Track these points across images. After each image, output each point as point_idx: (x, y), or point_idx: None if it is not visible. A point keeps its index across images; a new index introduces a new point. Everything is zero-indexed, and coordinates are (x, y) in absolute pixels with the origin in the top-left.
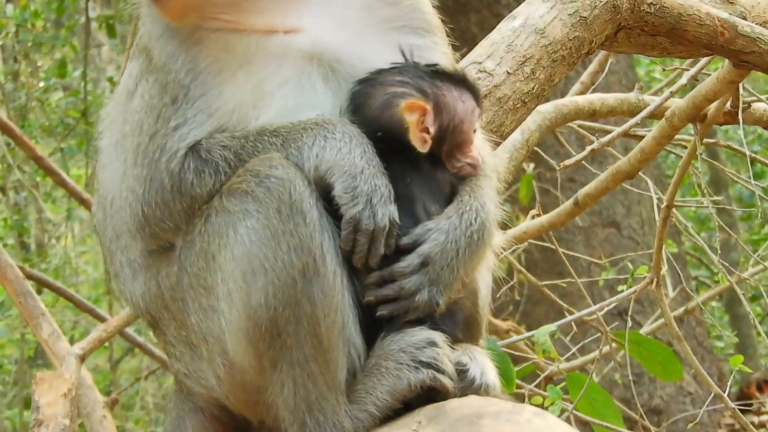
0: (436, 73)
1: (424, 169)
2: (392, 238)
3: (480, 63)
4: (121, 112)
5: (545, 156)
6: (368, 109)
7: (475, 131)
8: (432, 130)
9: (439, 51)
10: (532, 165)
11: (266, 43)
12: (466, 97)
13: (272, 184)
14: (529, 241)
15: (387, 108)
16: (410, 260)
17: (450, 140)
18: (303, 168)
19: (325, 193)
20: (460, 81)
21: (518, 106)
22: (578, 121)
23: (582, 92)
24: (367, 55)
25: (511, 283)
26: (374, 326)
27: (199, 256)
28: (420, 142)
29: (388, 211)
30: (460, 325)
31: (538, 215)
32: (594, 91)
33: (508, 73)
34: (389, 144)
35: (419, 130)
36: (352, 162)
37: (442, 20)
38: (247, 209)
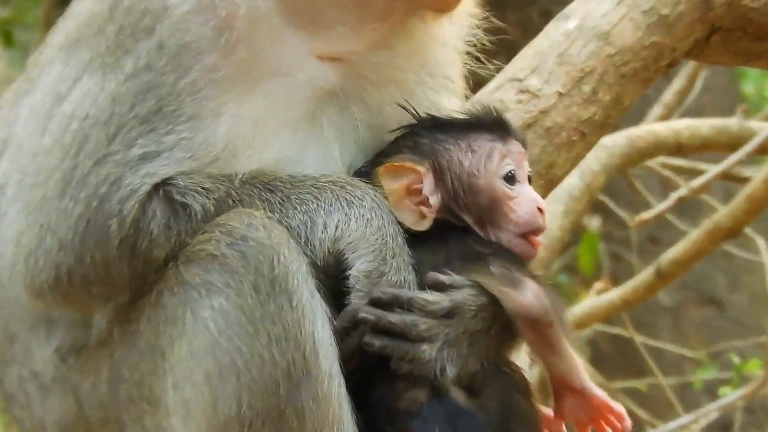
0: (438, 123)
1: (462, 250)
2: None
3: (521, 80)
4: (36, 117)
5: (614, 207)
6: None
7: (511, 179)
8: (434, 199)
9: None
10: (596, 220)
11: (296, 64)
12: (481, 142)
13: (249, 250)
14: (595, 326)
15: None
16: (439, 299)
17: (471, 205)
18: (312, 239)
19: (329, 264)
20: (469, 125)
21: (575, 138)
22: (660, 158)
23: (664, 118)
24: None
25: None
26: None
27: (143, 354)
28: (415, 218)
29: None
30: None
31: (606, 290)
32: (681, 116)
33: (560, 93)
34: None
35: (415, 201)
36: (384, 242)
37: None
38: (213, 282)
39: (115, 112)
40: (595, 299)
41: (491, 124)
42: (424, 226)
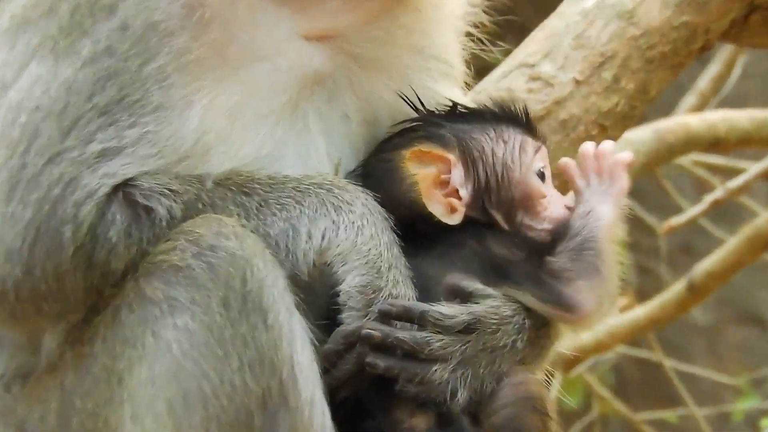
0: (455, 112)
1: (476, 252)
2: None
3: (532, 66)
4: None
5: (641, 212)
6: (376, 184)
7: (542, 176)
8: (464, 192)
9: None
10: (620, 227)
11: (279, 45)
12: (510, 132)
13: (218, 261)
14: (618, 349)
15: (388, 175)
16: (456, 312)
17: (504, 200)
18: (295, 249)
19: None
20: (493, 115)
21: (594, 133)
22: (693, 155)
23: (698, 109)
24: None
25: (590, 417)
26: None
27: (98, 380)
28: (445, 210)
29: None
30: None
31: (631, 307)
32: (717, 107)
33: (577, 81)
34: (414, 230)
35: (442, 192)
36: (379, 252)
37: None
38: (176, 298)
39: (70, 103)
40: (618, 318)
41: (514, 117)
42: (455, 220)
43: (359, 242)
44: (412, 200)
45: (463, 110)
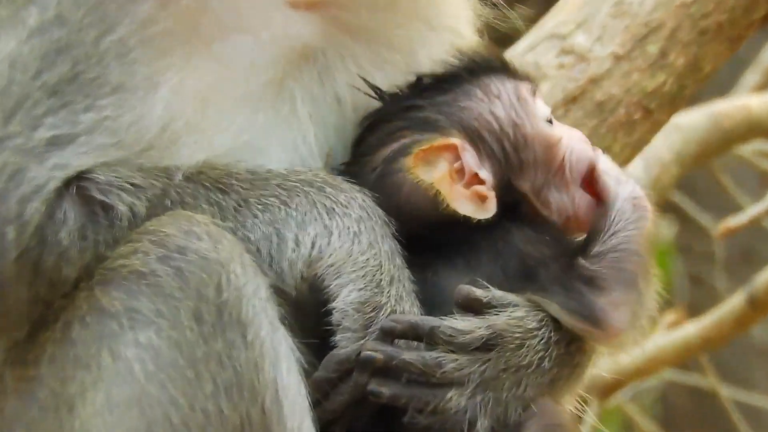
0: (425, 85)
1: (502, 256)
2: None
3: (564, 37)
4: None
5: (693, 211)
6: None
7: (551, 121)
8: (485, 173)
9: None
10: (668, 229)
11: (260, 15)
12: (496, 83)
13: (188, 266)
14: (665, 374)
15: (387, 186)
16: (472, 326)
17: (526, 165)
18: (280, 259)
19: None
20: (467, 71)
21: (637, 117)
22: (755, 144)
23: (761, 89)
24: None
25: None
26: None
27: (44, 408)
28: (475, 204)
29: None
30: None
31: (681, 323)
32: None
33: (617, 56)
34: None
35: (462, 184)
36: (378, 263)
37: None
38: (139, 309)
39: (14, 81)
40: (664, 336)
41: (489, 64)
42: (489, 211)
43: (355, 251)
44: (430, 209)
45: (430, 80)
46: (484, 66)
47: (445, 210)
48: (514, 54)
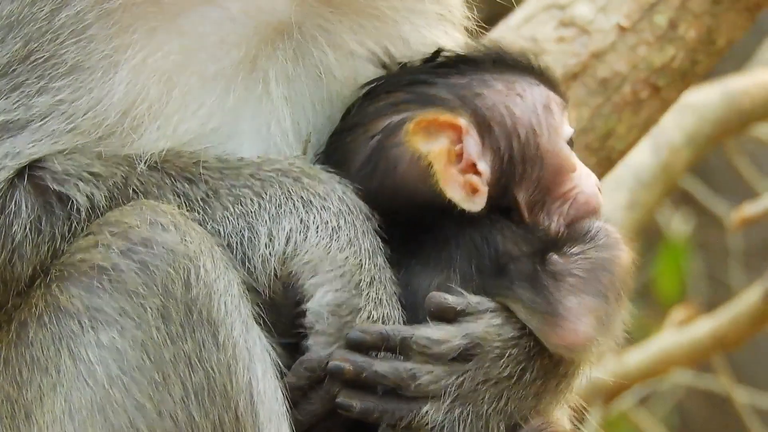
0: (442, 62)
1: (482, 256)
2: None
3: (563, 7)
4: None
5: (707, 199)
6: (353, 169)
7: (571, 144)
8: (484, 165)
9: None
10: (681, 219)
11: None
12: (524, 84)
13: (154, 260)
14: (677, 376)
15: (378, 157)
16: (448, 335)
17: (530, 175)
18: (252, 255)
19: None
20: (493, 61)
21: (644, 95)
22: None
23: None
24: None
25: None
26: None
27: None
28: (465, 192)
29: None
30: None
31: (693, 321)
32: None
33: (622, 27)
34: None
35: (457, 168)
36: (358, 262)
37: None
38: (100, 308)
39: None
40: (678, 336)
41: (522, 62)
42: (477, 204)
43: (334, 248)
44: (421, 187)
45: (451, 58)
46: (515, 63)
47: (433, 187)
48: (509, 26)
